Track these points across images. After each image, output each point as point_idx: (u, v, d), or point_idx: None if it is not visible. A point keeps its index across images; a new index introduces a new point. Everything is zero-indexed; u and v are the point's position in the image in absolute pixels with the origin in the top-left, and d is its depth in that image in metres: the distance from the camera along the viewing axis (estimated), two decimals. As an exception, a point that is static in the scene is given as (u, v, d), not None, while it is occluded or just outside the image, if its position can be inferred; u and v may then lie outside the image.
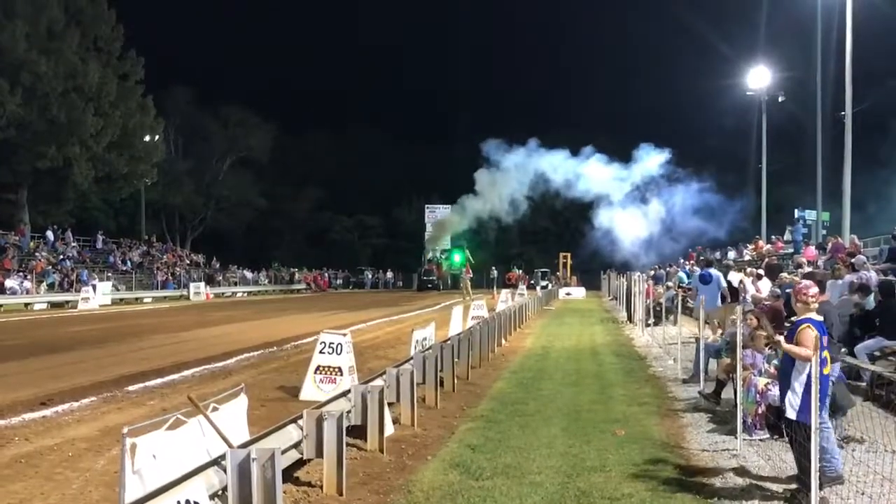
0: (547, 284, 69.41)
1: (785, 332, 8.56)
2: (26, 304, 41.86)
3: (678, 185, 45.06)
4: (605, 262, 55.73)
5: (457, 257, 76.77)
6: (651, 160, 45.98)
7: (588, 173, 49.81)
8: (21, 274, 45.93)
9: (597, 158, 49.55)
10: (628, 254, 48.51)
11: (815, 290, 8.36)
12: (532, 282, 69.74)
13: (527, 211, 63.40)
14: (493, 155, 56.99)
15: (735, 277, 22.01)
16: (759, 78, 49.03)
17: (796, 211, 44.54)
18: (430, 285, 75.85)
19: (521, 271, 77.72)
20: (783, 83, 49.62)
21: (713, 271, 21.64)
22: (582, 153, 50.34)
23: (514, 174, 56.68)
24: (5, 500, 7.88)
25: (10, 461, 9.36)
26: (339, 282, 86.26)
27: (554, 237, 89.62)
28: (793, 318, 8.76)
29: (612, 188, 48.56)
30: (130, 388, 14.62)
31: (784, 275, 17.27)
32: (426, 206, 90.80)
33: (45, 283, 46.61)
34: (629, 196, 48.39)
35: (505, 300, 32.02)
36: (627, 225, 46.67)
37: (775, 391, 9.51)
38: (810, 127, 42.15)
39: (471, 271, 58.87)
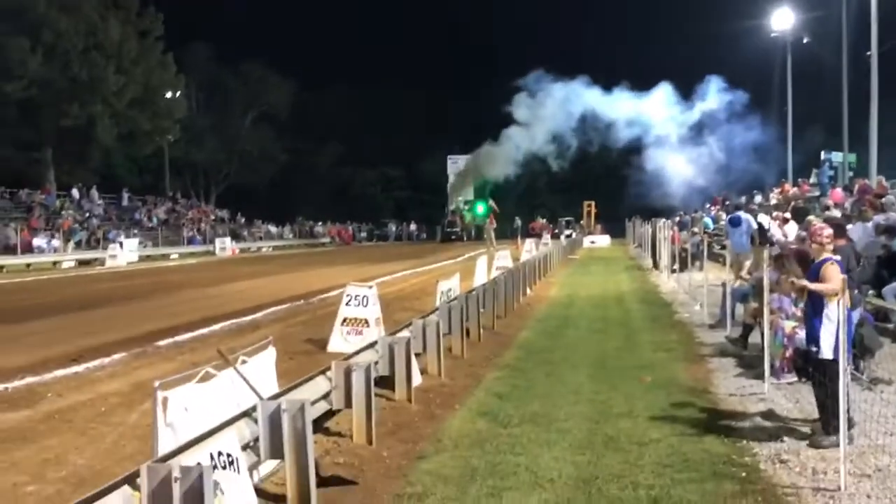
0: (571, 233, 69.12)
1: (806, 276, 8.55)
2: (54, 263, 42.18)
3: (737, 125, 44.18)
4: (649, 208, 54.58)
5: (480, 208, 76.41)
6: (716, 99, 44.94)
7: (648, 110, 48.74)
8: (48, 232, 46.29)
9: (664, 91, 48.30)
10: (678, 198, 47.76)
11: (829, 231, 8.37)
12: (556, 231, 69.36)
13: (575, 153, 61.86)
14: (536, 86, 55.59)
15: (765, 220, 21.87)
16: (783, 19, 48.19)
17: (822, 153, 44.04)
18: (453, 237, 75.68)
19: (544, 220, 77.37)
20: (809, 23, 48.72)
21: (743, 214, 21.52)
22: (651, 90, 49.07)
23: (561, 106, 55.21)
24: (41, 454, 8.01)
25: (44, 417, 9.50)
26: (363, 235, 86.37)
27: (578, 185, 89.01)
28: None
29: (669, 127, 47.65)
30: (160, 343, 14.76)
31: (811, 217, 17.11)
32: (448, 157, 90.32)
33: (72, 242, 46.94)
34: (685, 136, 47.50)
35: (529, 250, 31.98)
36: (681, 167, 45.86)
37: (803, 334, 9.48)
38: (837, 67, 41.46)
39: (495, 222, 58.52)
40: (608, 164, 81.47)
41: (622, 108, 50.03)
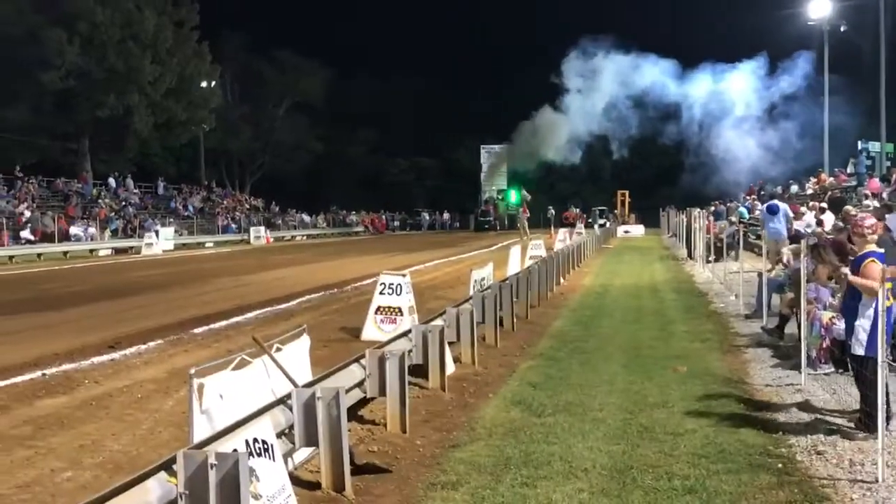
0: (605, 223, 68.85)
1: (848, 267, 8.43)
2: (91, 251, 42.66)
3: (815, 108, 43.54)
4: (704, 195, 53.49)
5: (513, 196, 76.24)
6: (799, 78, 44.19)
7: (730, 87, 47.71)
8: (85, 221, 46.76)
9: (752, 68, 47.23)
10: (744, 185, 47.02)
11: (870, 221, 8.21)
12: (589, 220, 69.14)
13: (635, 133, 60.17)
14: (592, 50, 54.04)
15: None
16: (819, 7, 47.52)
17: (859, 143, 43.43)
18: (486, 226, 75.59)
19: (578, 210, 77.11)
20: (844, 11, 47.99)
21: (780, 203, 21.42)
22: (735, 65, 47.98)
23: (617, 76, 53.58)
24: (78, 440, 8.08)
25: (81, 403, 9.59)
26: (397, 224, 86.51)
27: (611, 175, 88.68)
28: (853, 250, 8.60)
29: (744, 107, 46.81)
30: (196, 330, 14.87)
31: (848, 208, 16.93)
32: (481, 146, 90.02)
33: (108, 230, 47.41)
34: (759, 118, 46.71)
35: (562, 239, 31.90)
36: (751, 149, 45.09)
37: (840, 325, 9.38)
38: (874, 56, 40.91)
39: (528, 211, 58.39)
40: (642, 154, 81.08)
41: (695, 87, 49.14)
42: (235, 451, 4.85)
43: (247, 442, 5.19)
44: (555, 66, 59.69)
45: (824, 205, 21.99)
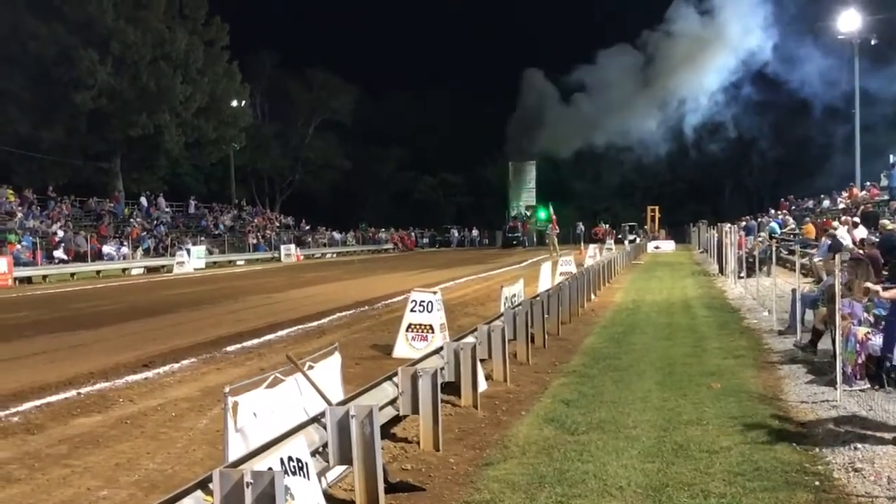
0: (635, 238, 68.55)
1: (883, 280, 8.35)
2: (123, 270, 43.00)
3: None
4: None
5: (542, 213, 76.02)
6: None
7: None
8: (117, 240, 47.17)
9: None
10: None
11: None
12: (619, 236, 68.87)
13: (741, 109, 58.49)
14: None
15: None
16: (850, 21, 47.26)
17: (892, 156, 43.00)
18: (515, 242, 75.36)
19: (607, 226, 76.90)
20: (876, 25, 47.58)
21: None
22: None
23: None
24: (113, 459, 8.13)
25: (116, 422, 9.65)
26: (426, 241, 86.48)
27: (641, 190, 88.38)
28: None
29: None
30: (228, 348, 14.94)
31: (885, 222, 16.80)
32: (510, 162, 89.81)
33: (140, 249, 47.78)
34: None
35: (592, 255, 31.79)
36: None
37: (876, 340, 9.29)
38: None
39: (557, 227, 58.18)
40: (675, 168, 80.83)
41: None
42: (271, 469, 4.86)
43: (282, 460, 5.20)
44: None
45: (857, 219, 21.85)
